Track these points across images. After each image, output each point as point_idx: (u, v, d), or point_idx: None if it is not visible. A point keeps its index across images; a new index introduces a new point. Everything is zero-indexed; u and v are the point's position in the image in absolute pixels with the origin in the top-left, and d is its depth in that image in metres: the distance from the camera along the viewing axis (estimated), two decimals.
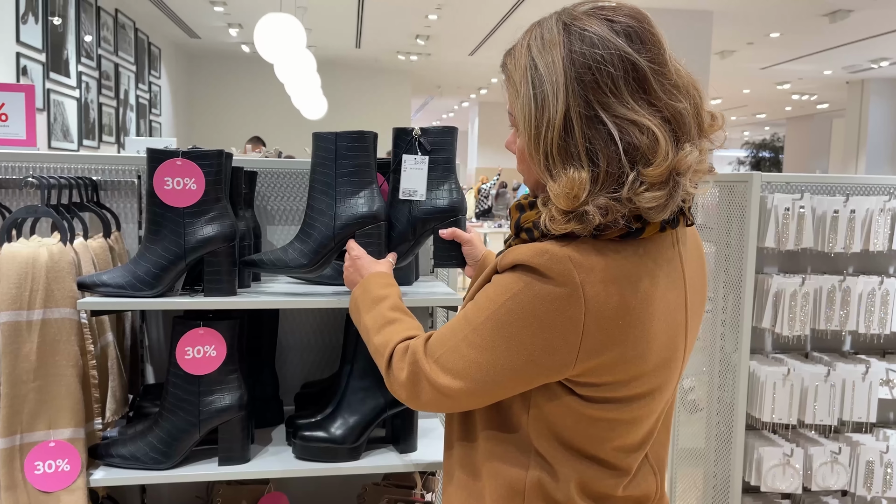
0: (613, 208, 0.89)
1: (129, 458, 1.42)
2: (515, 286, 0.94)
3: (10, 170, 1.66)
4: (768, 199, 2.18)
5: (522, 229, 0.99)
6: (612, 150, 0.89)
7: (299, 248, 1.43)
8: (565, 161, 0.91)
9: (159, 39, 9.24)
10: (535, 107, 0.92)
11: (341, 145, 1.41)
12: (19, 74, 5.47)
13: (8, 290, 1.31)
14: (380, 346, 1.12)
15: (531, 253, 0.93)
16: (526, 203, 1.01)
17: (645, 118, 0.89)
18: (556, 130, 0.90)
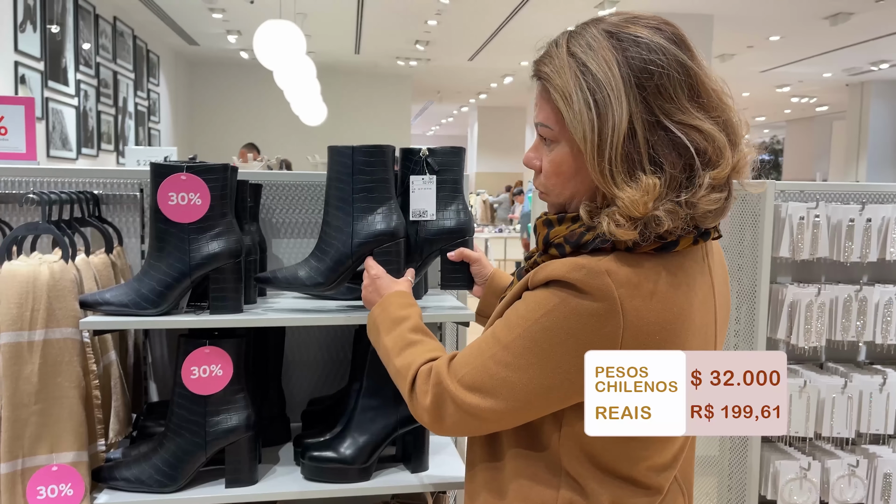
0: (676, 213, 0.88)
1: (134, 480, 1.38)
2: (550, 302, 0.91)
3: (10, 184, 1.62)
4: (782, 207, 2.15)
5: (552, 245, 0.97)
6: (675, 155, 0.88)
7: (315, 266, 1.39)
8: (630, 168, 0.89)
9: (158, 47, 9.21)
10: (598, 113, 0.89)
11: (358, 160, 1.37)
12: (17, 83, 5.43)
13: (8, 310, 1.27)
14: (401, 368, 1.08)
15: (567, 268, 0.91)
16: (554, 218, 0.99)
17: (705, 122, 0.89)
18: (621, 136, 0.88)
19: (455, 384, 0.97)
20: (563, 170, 0.98)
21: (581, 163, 0.93)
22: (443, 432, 1.02)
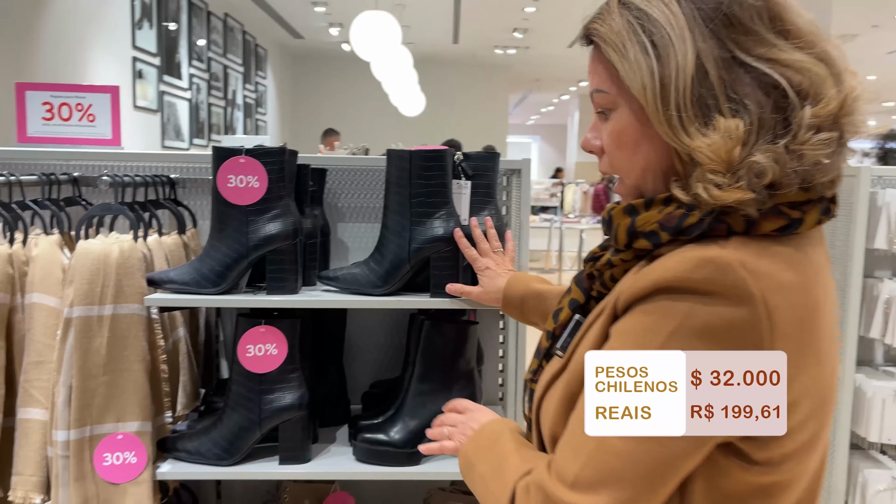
0: (779, 161, 0.72)
1: (194, 452, 1.44)
2: (669, 322, 0.71)
3: (95, 168, 1.72)
4: (879, 195, 1.97)
5: (640, 235, 0.79)
6: (761, 93, 0.74)
7: (375, 269, 1.43)
8: (704, 113, 0.74)
9: (265, 41, 9.58)
10: (657, 55, 0.76)
11: (416, 164, 1.38)
12: (135, 78, 5.80)
13: (81, 285, 1.35)
14: (499, 493, 0.84)
15: (685, 266, 0.71)
16: (640, 203, 0.80)
17: (794, 53, 0.75)
18: (688, 78, 0.74)
19: (568, 491, 0.74)
20: (625, 138, 0.82)
21: (647, 124, 0.78)
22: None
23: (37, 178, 1.54)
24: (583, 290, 0.89)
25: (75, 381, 1.33)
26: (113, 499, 1.37)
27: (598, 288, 0.87)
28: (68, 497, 1.33)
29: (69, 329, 1.34)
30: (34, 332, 1.39)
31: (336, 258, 1.77)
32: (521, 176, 1.70)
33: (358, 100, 10.70)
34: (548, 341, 0.90)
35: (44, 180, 1.54)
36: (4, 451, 1.39)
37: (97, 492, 1.36)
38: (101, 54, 5.31)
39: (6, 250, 1.39)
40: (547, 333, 0.91)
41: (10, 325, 1.40)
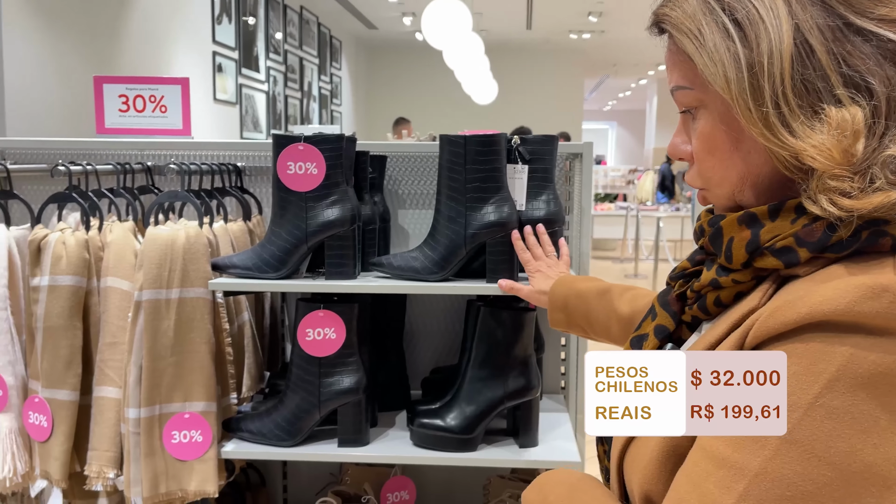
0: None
1: (257, 433, 1.48)
2: (827, 365, 0.56)
3: (167, 158, 1.79)
4: None
5: (769, 252, 0.63)
6: (889, 66, 0.60)
7: (430, 256, 1.42)
8: (812, 103, 0.60)
9: (340, 32, 9.72)
10: (742, 39, 0.62)
11: (470, 149, 1.38)
12: (215, 72, 5.99)
13: (150, 270, 1.40)
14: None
15: (849, 295, 0.56)
16: (763, 211, 0.65)
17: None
18: (786, 60, 0.60)
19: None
20: (717, 143, 0.68)
21: (741, 126, 0.65)
22: None
23: (112, 167, 1.60)
24: (671, 313, 0.75)
25: (145, 362, 1.39)
26: (181, 475, 1.42)
27: (693, 312, 0.73)
28: (139, 472, 1.39)
29: (139, 312, 1.39)
30: (109, 315, 1.45)
31: (396, 244, 1.78)
32: (583, 160, 1.66)
33: (431, 89, 10.73)
34: None
35: (118, 169, 1.61)
36: (81, 427, 1.46)
37: (166, 468, 1.41)
38: (183, 49, 5.51)
39: (83, 236, 1.46)
40: None
41: (86, 308, 1.47)
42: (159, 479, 1.41)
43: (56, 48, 3.95)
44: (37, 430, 1.44)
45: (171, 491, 1.42)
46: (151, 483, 1.40)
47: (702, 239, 0.71)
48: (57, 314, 1.42)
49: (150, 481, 1.39)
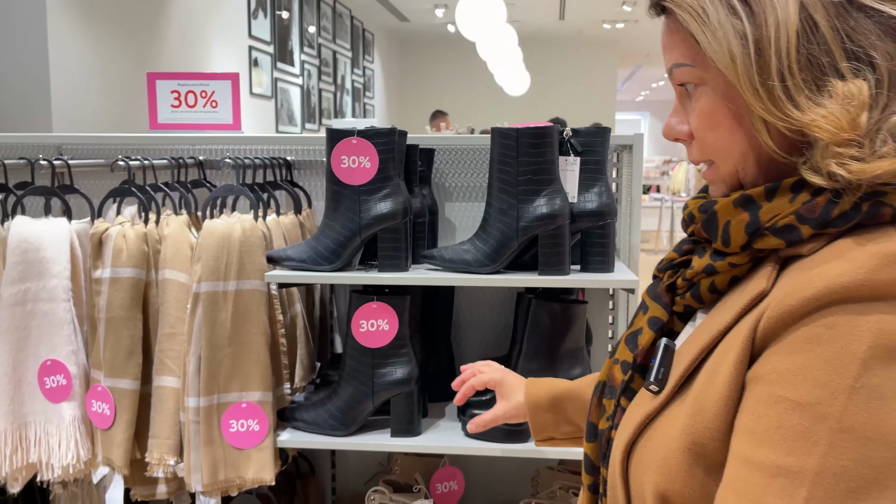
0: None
1: (311, 423, 1.50)
2: (858, 344, 0.55)
3: (217, 152, 1.82)
4: None
5: (770, 231, 0.64)
6: (890, 41, 0.61)
7: (481, 248, 1.43)
8: (817, 77, 0.61)
9: (373, 25, 9.75)
10: (749, 14, 0.62)
11: (523, 142, 1.38)
12: (251, 66, 6.06)
13: (207, 262, 1.43)
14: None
15: (867, 265, 0.56)
16: (759, 192, 0.65)
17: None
18: (792, 35, 0.61)
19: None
20: (719, 120, 0.68)
21: (744, 102, 0.65)
22: None
23: (167, 161, 1.64)
24: (663, 305, 0.74)
25: (203, 352, 1.42)
26: (238, 463, 1.46)
27: (686, 302, 0.73)
28: (199, 459, 1.43)
29: (197, 303, 1.42)
30: (167, 306, 1.49)
31: (443, 237, 1.80)
32: (633, 152, 1.65)
33: (463, 80, 10.71)
34: (623, 373, 0.75)
35: (173, 164, 1.65)
36: (142, 415, 1.50)
37: (224, 455, 1.44)
38: (220, 44, 5.58)
39: (142, 229, 1.49)
40: (623, 365, 0.75)
41: (146, 300, 1.51)
42: (218, 466, 1.44)
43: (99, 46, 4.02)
44: (100, 418, 1.48)
45: (230, 478, 1.45)
46: (210, 470, 1.43)
47: (691, 226, 0.72)
48: (118, 305, 1.45)
49: (210, 469, 1.43)
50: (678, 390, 0.67)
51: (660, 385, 0.69)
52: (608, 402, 0.76)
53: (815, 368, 0.56)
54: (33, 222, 1.49)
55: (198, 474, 1.43)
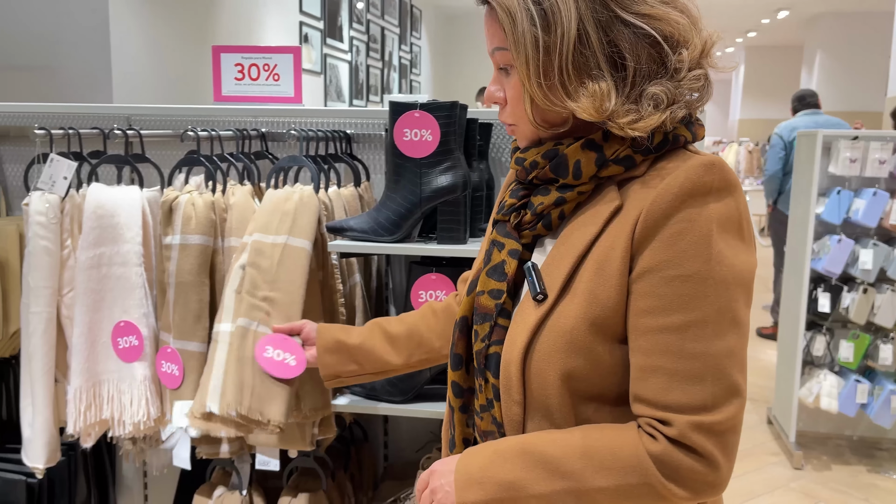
0: (666, 93, 0.82)
1: (369, 388, 1.55)
2: (706, 226, 0.80)
3: (279, 124, 1.86)
4: None
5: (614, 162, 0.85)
6: (640, 47, 0.82)
7: None
8: (581, 75, 0.82)
9: (420, 2, 9.71)
10: (542, 24, 0.82)
11: None
12: (302, 41, 6.11)
13: (260, 218, 1.47)
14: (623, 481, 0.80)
15: (698, 173, 0.80)
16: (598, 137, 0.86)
17: (663, 8, 0.83)
18: (571, 44, 0.81)
19: (721, 411, 0.78)
20: (520, 95, 0.88)
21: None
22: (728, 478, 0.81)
23: (232, 133, 1.68)
24: (515, 239, 0.92)
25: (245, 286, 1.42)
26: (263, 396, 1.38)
27: (536, 232, 0.91)
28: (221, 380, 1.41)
29: (244, 251, 1.45)
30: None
31: None
32: None
33: None
34: (496, 299, 0.90)
35: (238, 135, 1.69)
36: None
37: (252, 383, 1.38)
38: (272, 20, 5.64)
39: (210, 198, 1.54)
40: (492, 293, 0.91)
41: (212, 266, 1.56)
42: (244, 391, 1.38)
43: (157, 21, 4.11)
44: (169, 378, 1.55)
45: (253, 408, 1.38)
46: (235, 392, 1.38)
47: (535, 171, 0.89)
48: (187, 271, 1.51)
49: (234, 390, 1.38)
50: (561, 293, 0.85)
51: (544, 294, 0.85)
52: (481, 326, 0.91)
53: (688, 250, 0.79)
54: (108, 189, 1.55)
55: (216, 395, 1.39)
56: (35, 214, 1.54)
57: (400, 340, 1.21)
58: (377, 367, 1.22)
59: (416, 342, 1.20)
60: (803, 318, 3.22)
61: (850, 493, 3.03)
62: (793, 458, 3.25)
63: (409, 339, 1.21)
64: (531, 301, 0.86)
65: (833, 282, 3.21)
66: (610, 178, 0.87)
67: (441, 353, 1.21)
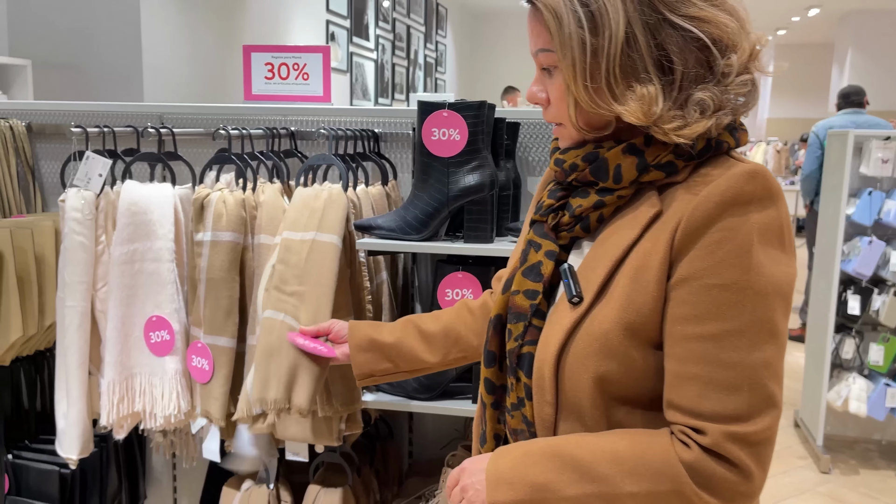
0: (713, 98, 0.82)
1: (396, 385, 1.56)
2: (748, 236, 0.79)
3: (308, 123, 1.88)
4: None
5: (655, 167, 0.84)
6: (688, 50, 0.81)
7: None
8: (628, 78, 0.82)
9: (446, 0, 9.72)
10: (590, 27, 0.81)
11: None
12: (328, 40, 6.15)
13: (290, 216, 1.49)
14: (653, 487, 0.80)
15: (740, 182, 0.79)
16: (640, 142, 0.85)
17: (712, 11, 0.82)
18: (619, 47, 0.81)
19: (755, 422, 0.78)
20: (565, 96, 0.87)
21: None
22: (762, 485, 0.82)
23: (262, 132, 1.71)
24: (552, 240, 0.92)
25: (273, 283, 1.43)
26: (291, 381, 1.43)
27: (573, 234, 0.91)
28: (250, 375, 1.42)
29: (274, 250, 1.47)
30: (261, 270, 1.56)
31: (525, 210, 1.81)
32: None
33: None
34: (531, 299, 0.90)
35: (267, 134, 1.71)
36: (238, 372, 1.58)
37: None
38: (299, 19, 5.68)
39: (240, 196, 1.57)
40: (527, 293, 0.90)
41: (242, 262, 1.58)
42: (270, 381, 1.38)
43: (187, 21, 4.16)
44: (199, 373, 1.57)
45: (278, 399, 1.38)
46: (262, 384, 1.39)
47: (575, 174, 0.89)
48: (218, 267, 1.53)
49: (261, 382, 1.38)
50: (597, 297, 0.84)
51: (580, 297, 0.85)
52: (515, 326, 0.91)
53: (728, 259, 0.78)
54: (142, 186, 1.58)
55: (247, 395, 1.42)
56: (71, 211, 1.57)
57: (436, 338, 1.21)
58: (412, 366, 1.22)
59: (453, 340, 1.20)
60: (832, 321, 3.18)
61: (878, 498, 2.99)
62: (820, 462, 3.21)
63: (446, 337, 1.20)
64: (567, 303, 0.86)
65: (863, 284, 3.16)
66: (650, 182, 0.86)
67: (478, 351, 1.21)
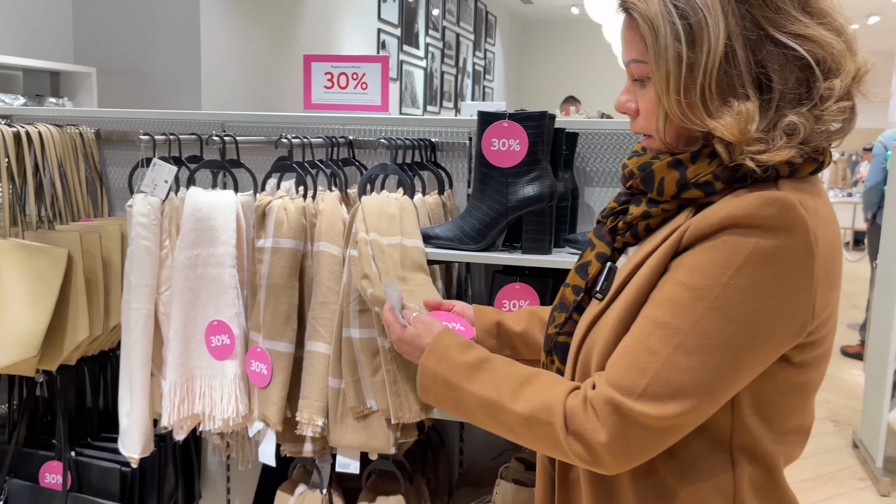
0: (804, 125, 0.80)
1: None
2: (740, 254, 0.78)
3: (366, 132, 1.90)
4: None
5: (693, 185, 0.85)
6: (788, 69, 0.80)
7: None
8: (724, 93, 0.80)
9: (496, 8, 9.74)
10: (688, 40, 0.79)
11: None
12: (379, 48, 6.22)
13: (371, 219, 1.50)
14: (533, 414, 0.88)
15: (754, 204, 0.78)
16: (686, 157, 0.86)
17: (818, 29, 0.80)
18: (717, 62, 0.79)
19: (640, 403, 0.81)
20: (655, 108, 0.87)
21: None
22: (625, 467, 0.85)
23: (322, 140, 1.73)
24: (607, 243, 0.96)
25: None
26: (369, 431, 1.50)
27: (625, 240, 0.94)
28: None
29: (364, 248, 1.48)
30: (320, 276, 1.58)
31: (583, 221, 1.80)
32: None
33: (584, 64, 10.53)
34: (575, 294, 0.97)
35: (327, 143, 1.74)
36: (295, 377, 1.60)
37: None
38: (351, 28, 5.76)
39: (301, 203, 1.59)
40: (573, 288, 0.97)
41: (302, 269, 1.61)
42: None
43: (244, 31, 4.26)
44: (258, 377, 1.60)
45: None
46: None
47: (631, 181, 0.93)
48: (279, 273, 1.56)
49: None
50: (615, 297, 0.90)
51: (603, 294, 0.92)
52: (559, 314, 0.99)
53: (707, 266, 0.80)
54: (206, 193, 1.61)
55: None
56: (138, 216, 1.61)
57: None
58: (534, 356, 1.21)
59: None
60: (895, 339, 3.08)
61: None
62: (880, 485, 3.10)
63: None
64: (596, 301, 0.93)
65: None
66: (693, 200, 0.87)
67: None
